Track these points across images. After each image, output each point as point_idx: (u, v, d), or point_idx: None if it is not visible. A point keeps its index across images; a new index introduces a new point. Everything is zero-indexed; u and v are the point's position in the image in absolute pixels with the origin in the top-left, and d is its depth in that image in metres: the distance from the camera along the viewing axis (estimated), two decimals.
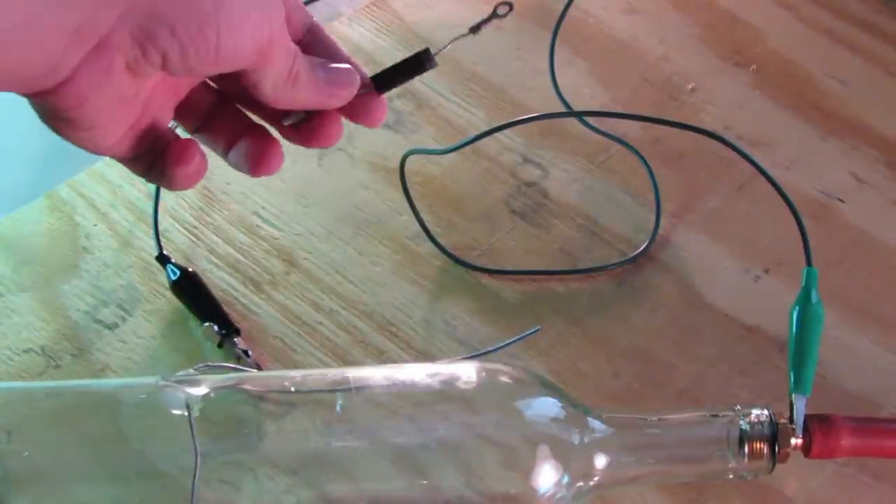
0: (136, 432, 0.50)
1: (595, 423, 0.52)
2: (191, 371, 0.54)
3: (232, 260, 0.65)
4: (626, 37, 0.77)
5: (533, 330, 0.60)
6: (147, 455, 0.49)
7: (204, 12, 0.41)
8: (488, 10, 0.79)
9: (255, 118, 0.50)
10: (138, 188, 0.67)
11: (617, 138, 0.70)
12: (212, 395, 0.51)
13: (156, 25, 0.40)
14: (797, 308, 0.56)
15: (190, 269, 0.63)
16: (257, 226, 0.66)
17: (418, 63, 0.50)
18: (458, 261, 0.65)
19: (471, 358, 0.59)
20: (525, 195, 0.68)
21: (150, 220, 0.65)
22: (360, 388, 0.52)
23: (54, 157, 0.72)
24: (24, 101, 0.79)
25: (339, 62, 0.50)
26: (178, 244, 0.65)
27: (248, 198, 0.67)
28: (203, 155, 0.47)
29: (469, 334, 0.62)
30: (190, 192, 0.67)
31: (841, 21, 0.78)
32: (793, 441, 0.52)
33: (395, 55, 0.75)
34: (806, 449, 0.53)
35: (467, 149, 0.68)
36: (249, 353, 0.59)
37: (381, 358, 0.61)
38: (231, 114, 0.49)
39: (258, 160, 0.48)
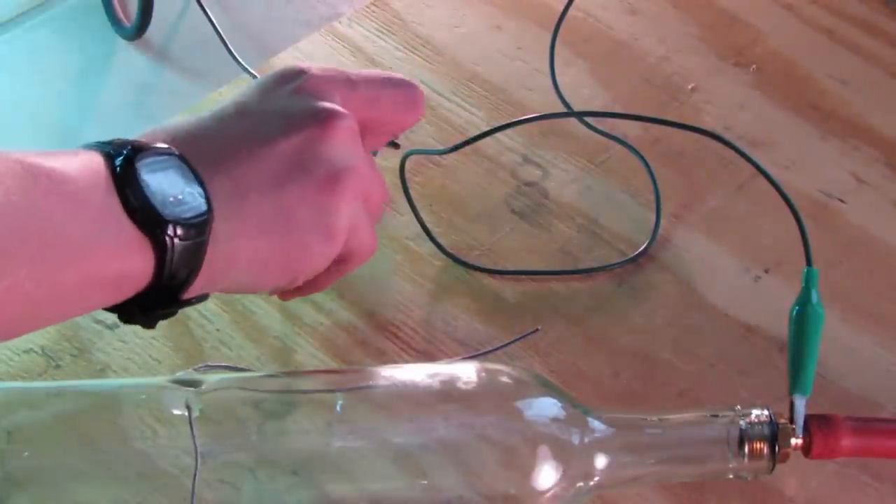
0: (137, 432, 0.50)
1: (595, 423, 0.52)
2: (191, 371, 0.54)
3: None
4: (626, 37, 0.77)
5: (532, 330, 0.60)
6: (147, 455, 0.49)
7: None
8: (489, 11, 0.79)
9: None
10: None
11: (617, 138, 0.70)
12: (212, 395, 0.51)
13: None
14: (797, 308, 0.56)
15: None
16: None
17: None
18: (458, 261, 0.65)
19: (471, 358, 0.59)
20: (525, 195, 0.68)
21: None
22: (360, 389, 0.52)
23: None
24: (25, 102, 0.79)
25: None
26: None
27: None
28: None
29: (469, 334, 0.62)
30: None
31: (841, 21, 0.78)
32: (793, 441, 0.52)
33: (395, 55, 0.75)
34: (806, 449, 0.53)
35: (467, 149, 0.68)
36: None
37: (382, 358, 0.61)
38: None
39: None
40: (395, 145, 0.62)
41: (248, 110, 0.50)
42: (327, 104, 0.50)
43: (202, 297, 0.47)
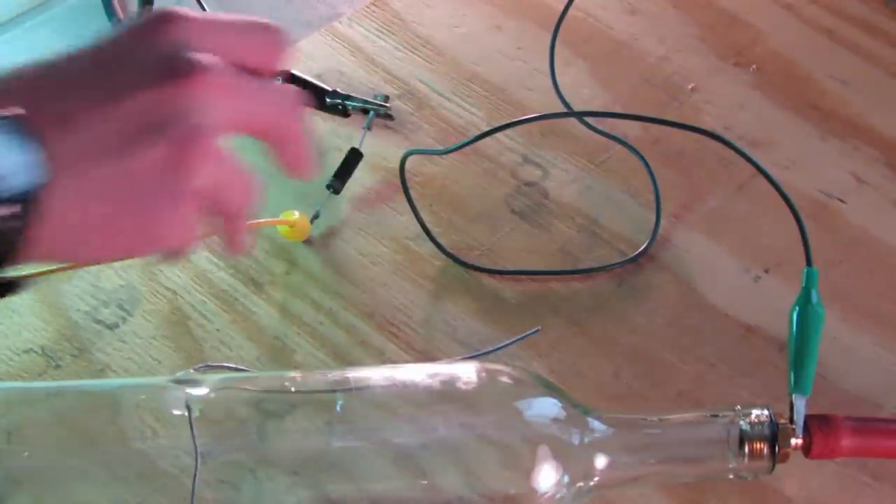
0: (137, 432, 0.50)
1: (595, 424, 0.52)
2: (191, 371, 0.54)
3: (232, 260, 0.65)
4: (626, 37, 0.77)
5: (532, 330, 0.60)
6: (147, 455, 0.49)
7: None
8: (489, 11, 0.79)
9: None
10: None
11: (617, 138, 0.70)
12: (212, 395, 0.51)
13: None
14: (797, 308, 0.56)
15: None
16: None
17: None
18: (458, 261, 0.65)
19: (471, 358, 0.59)
20: (525, 195, 0.68)
21: None
22: (360, 389, 0.52)
23: None
24: None
25: None
26: None
27: None
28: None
29: (469, 334, 0.62)
30: None
31: (841, 21, 0.78)
32: (793, 441, 0.52)
33: (395, 55, 0.75)
34: (806, 449, 0.53)
35: (467, 149, 0.68)
36: None
37: (382, 358, 0.61)
38: None
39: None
40: (389, 117, 0.64)
41: (104, 58, 0.44)
42: (192, 55, 0.44)
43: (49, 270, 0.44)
